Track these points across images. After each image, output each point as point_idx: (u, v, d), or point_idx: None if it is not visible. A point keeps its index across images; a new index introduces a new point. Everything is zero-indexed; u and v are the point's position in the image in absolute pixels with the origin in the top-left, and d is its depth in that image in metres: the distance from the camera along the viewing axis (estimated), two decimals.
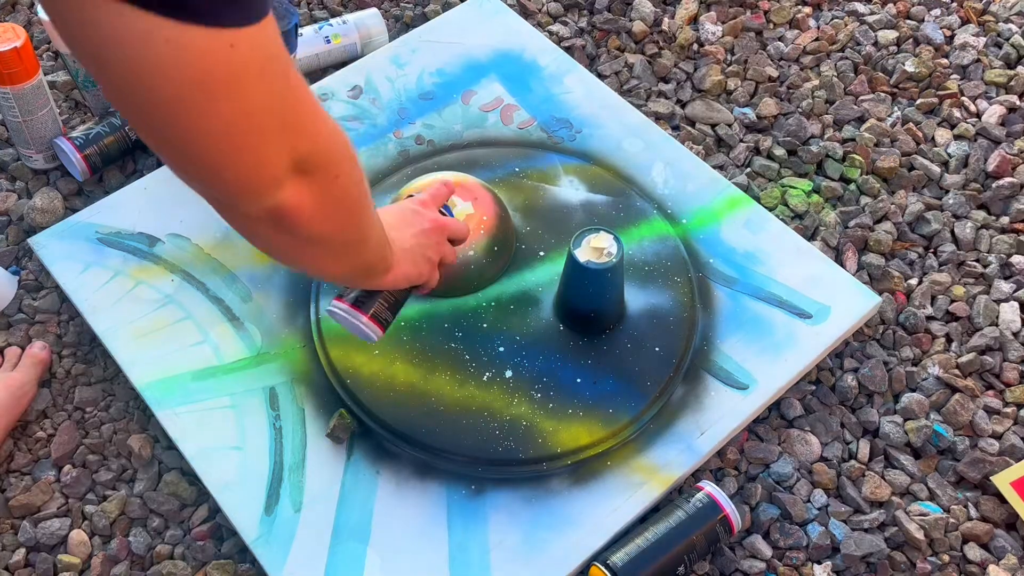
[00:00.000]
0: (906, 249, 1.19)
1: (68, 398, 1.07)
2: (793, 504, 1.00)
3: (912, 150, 1.27)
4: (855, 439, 1.05)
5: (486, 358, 1.04)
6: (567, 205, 1.16)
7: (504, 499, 0.98)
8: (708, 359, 1.06)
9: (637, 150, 1.22)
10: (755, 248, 1.14)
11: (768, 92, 1.32)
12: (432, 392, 1.02)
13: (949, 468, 1.03)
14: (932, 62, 1.35)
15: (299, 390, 1.04)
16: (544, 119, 1.25)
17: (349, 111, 1.25)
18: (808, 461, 1.03)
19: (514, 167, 1.19)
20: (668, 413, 1.02)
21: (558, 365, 1.04)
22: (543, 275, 1.10)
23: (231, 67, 0.53)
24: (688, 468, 1.00)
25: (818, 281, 1.11)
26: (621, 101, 1.27)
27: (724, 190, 1.19)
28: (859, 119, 1.30)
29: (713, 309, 1.09)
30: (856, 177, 1.24)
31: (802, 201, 1.21)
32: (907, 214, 1.21)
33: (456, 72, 1.30)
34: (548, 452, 0.99)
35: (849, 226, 1.19)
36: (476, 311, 1.07)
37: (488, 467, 0.99)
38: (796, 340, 1.07)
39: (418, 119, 1.25)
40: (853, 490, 1.01)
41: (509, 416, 1.00)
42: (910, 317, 1.12)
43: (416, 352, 1.04)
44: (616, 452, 1.00)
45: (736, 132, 1.28)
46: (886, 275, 1.15)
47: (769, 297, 1.10)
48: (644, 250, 1.12)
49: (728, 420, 1.02)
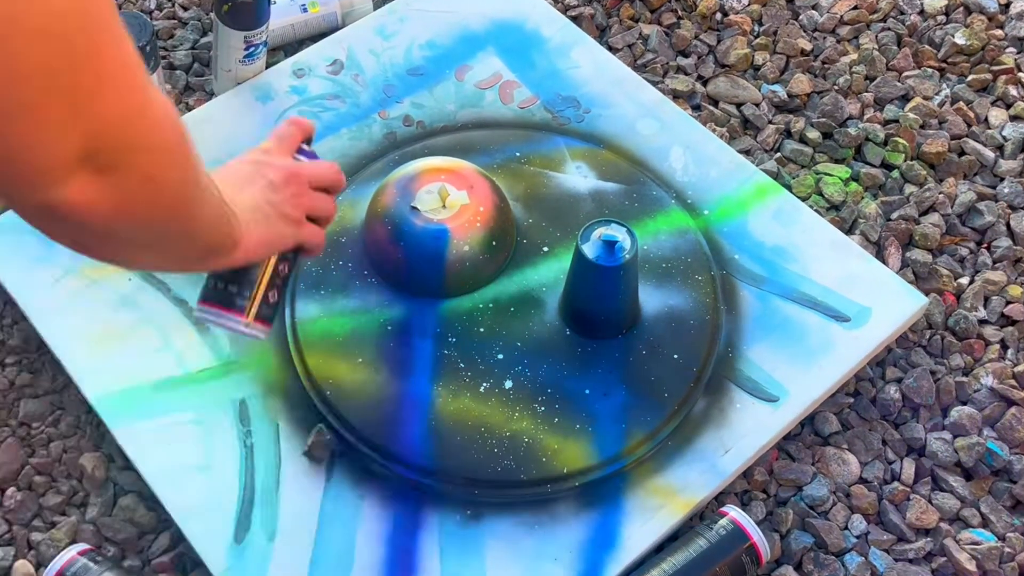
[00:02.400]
0: (956, 244, 1.19)
1: (12, 412, 1.07)
2: (828, 531, 1.00)
3: (962, 133, 1.27)
4: (898, 458, 1.05)
5: (483, 367, 1.04)
6: (574, 194, 1.16)
7: (503, 526, 0.98)
8: (733, 368, 1.06)
9: (653, 132, 1.22)
10: (786, 243, 1.14)
11: (800, 67, 1.32)
12: (422, 405, 1.02)
13: (1004, 491, 1.03)
14: (985, 33, 1.35)
15: (272, 403, 1.04)
16: (548, 97, 1.25)
17: (328, 88, 1.25)
18: (845, 483, 1.03)
19: (514, 151, 1.19)
20: (688, 429, 1.02)
21: (564, 374, 1.04)
22: (547, 273, 1.10)
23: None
24: (711, 491, 1.00)
25: (857, 280, 1.11)
26: (635, 77, 1.27)
27: (751, 177, 1.19)
28: (903, 98, 1.30)
29: (739, 311, 1.09)
30: (899, 163, 1.24)
31: (839, 190, 1.21)
32: (957, 205, 1.21)
33: (449, 45, 1.30)
34: (553, 473, 0.99)
35: (892, 218, 1.20)
36: (472, 314, 1.07)
37: (485, 490, 0.99)
38: (832, 346, 1.07)
39: (406, 98, 1.25)
40: (896, 516, 1.01)
41: (509, 432, 1.00)
42: (960, 321, 1.12)
43: (404, 360, 1.04)
44: (630, 473, 1.00)
45: (764, 112, 1.28)
46: (933, 273, 1.15)
47: (802, 298, 1.10)
48: (661, 245, 1.12)
49: (756, 437, 1.02)
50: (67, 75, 0.51)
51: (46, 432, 1.06)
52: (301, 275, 1.09)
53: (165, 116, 0.60)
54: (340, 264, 1.10)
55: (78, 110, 0.52)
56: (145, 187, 0.59)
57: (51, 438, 1.06)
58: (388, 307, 1.07)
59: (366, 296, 1.08)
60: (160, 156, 0.60)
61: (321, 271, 1.09)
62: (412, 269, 1.07)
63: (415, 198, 1.07)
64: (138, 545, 1.00)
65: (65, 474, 1.04)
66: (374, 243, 1.09)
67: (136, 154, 0.57)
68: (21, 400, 1.08)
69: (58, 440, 1.06)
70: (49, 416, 1.07)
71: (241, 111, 1.23)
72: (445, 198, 1.06)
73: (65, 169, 0.54)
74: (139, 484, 1.02)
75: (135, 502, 1.01)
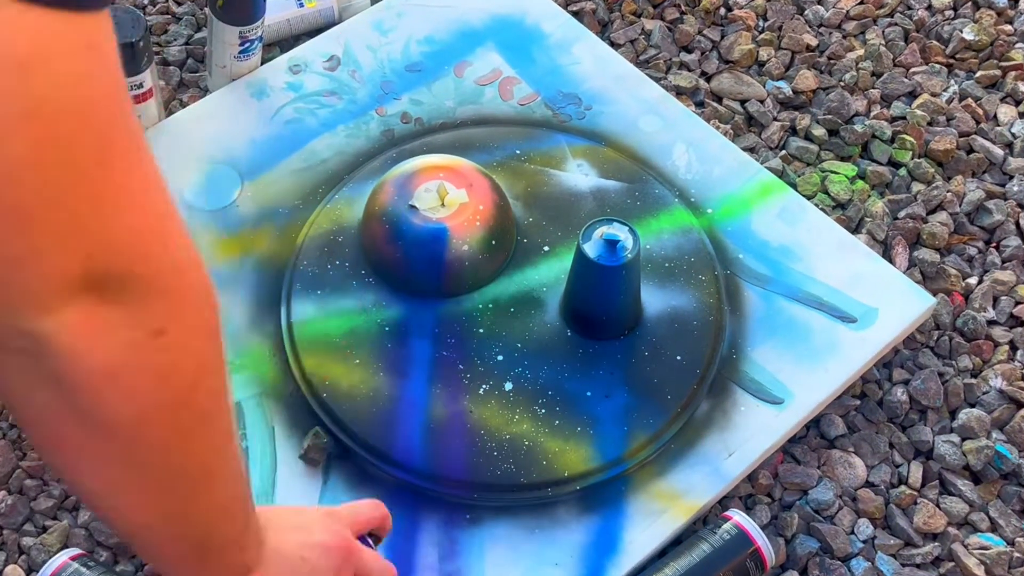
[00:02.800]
0: (964, 243, 1.19)
1: (2, 414, 1.07)
2: (834, 536, 1.00)
3: (971, 130, 1.27)
4: (906, 461, 1.05)
5: (482, 368, 1.04)
6: (575, 193, 1.16)
7: (503, 530, 0.98)
8: (737, 369, 1.06)
9: (655, 129, 1.22)
10: (791, 242, 1.14)
11: (806, 63, 1.32)
12: (420, 407, 1.02)
13: (1014, 495, 1.03)
14: (994, 28, 1.35)
15: (268, 405, 1.04)
16: (549, 94, 1.25)
17: (325, 85, 1.25)
18: (852, 487, 1.03)
19: (514, 149, 1.19)
20: (691, 431, 1.02)
21: (565, 376, 1.04)
22: (547, 273, 1.10)
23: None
24: (714, 494, 1.00)
25: (863, 280, 1.11)
26: (637, 73, 1.27)
27: (755, 175, 1.19)
28: (910, 94, 1.30)
29: (743, 312, 1.09)
30: (907, 161, 1.24)
31: (845, 188, 1.21)
32: (965, 203, 1.21)
33: (448, 40, 1.30)
34: (554, 476, 0.99)
35: (899, 217, 1.19)
36: (471, 314, 1.07)
37: (485, 493, 0.99)
38: (838, 348, 1.07)
39: (404, 94, 1.25)
40: (903, 520, 1.01)
41: (509, 435, 1.00)
42: (969, 321, 1.12)
43: (402, 362, 1.04)
44: (632, 476, 1.00)
45: (769, 109, 1.28)
46: (941, 273, 1.15)
47: (807, 298, 1.10)
48: (664, 244, 1.12)
49: (760, 439, 1.02)
50: (68, 179, 0.42)
51: None
52: (297, 275, 1.09)
53: (191, 263, 0.50)
54: (337, 264, 1.10)
55: (80, 222, 0.44)
56: (156, 342, 0.48)
57: None
58: (386, 307, 1.07)
59: (363, 296, 1.08)
60: (180, 308, 0.49)
61: (318, 271, 1.09)
62: (410, 269, 1.07)
63: (413, 196, 1.07)
64: (131, 550, 1.00)
65: (57, 477, 1.04)
66: (371, 242, 1.09)
67: (150, 293, 0.47)
68: None
69: None
70: None
71: (236, 107, 1.23)
72: (444, 196, 1.06)
73: (62, 291, 0.45)
74: None
75: None
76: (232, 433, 0.58)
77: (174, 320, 0.49)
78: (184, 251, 0.50)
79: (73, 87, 0.41)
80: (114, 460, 0.51)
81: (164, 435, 0.52)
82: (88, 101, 0.42)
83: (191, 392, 0.52)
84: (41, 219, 0.43)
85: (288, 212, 1.15)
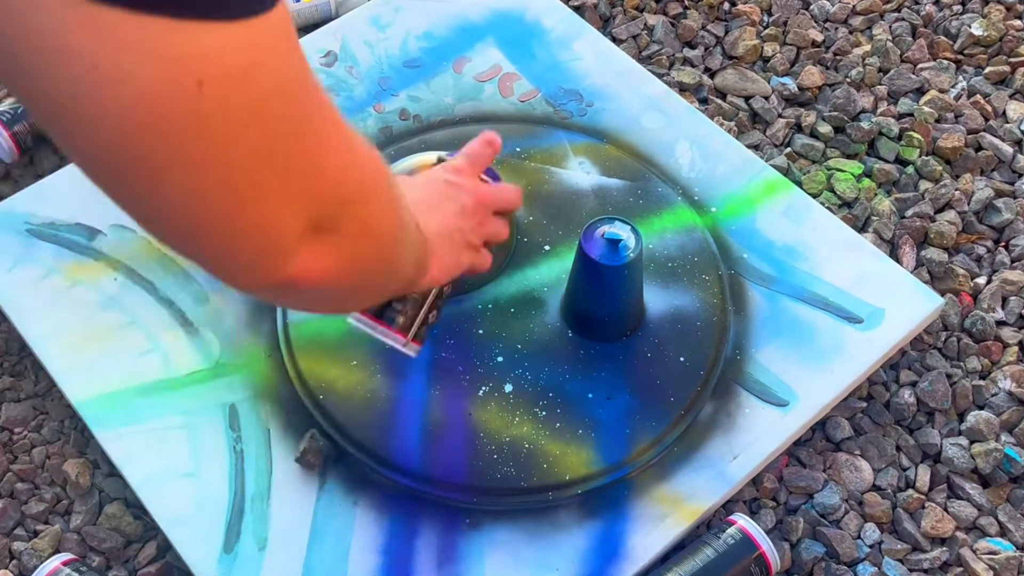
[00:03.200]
0: (973, 242, 1.19)
1: None
2: (840, 541, 1.00)
3: (980, 127, 1.27)
4: (913, 465, 1.05)
5: (482, 370, 1.04)
6: (576, 191, 1.16)
7: (503, 534, 0.98)
8: (741, 371, 1.06)
9: (658, 126, 1.22)
10: (796, 241, 1.14)
11: (811, 59, 1.32)
12: (419, 410, 1.02)
13: (1023, 499, 1.03)
14: (1003, 23, 1.35)
15: (264, 407, 1.04)
16: (550, 90, 1.25)
17: (322, 81, 1.25)
18: (858, 490, 1.03)
19: (515, 146, 1.19)
20: (695, 434, 1.02)
21: (566, 378, 1.04)
22: (548, 273, 1.10)
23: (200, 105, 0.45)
24: (718, 498, 1.00)
25: (870, 280, 1.11)
26: (640, 69, 1.27)
27: (760, 173, 1.19)
28: (918, 91, 1.30)
29: (747, 312, 1.09)
30: (914, 158, 1.24)
31: (851, 186, 1.21)
32: (974, 201, 1.21)
33: (447, 36, 1.30)
34: (554, 480, 0.99)
35: (906, 216, 1.19)
36: (470, 315, 1.07)
37: (485, 497, 0.99)
38: (844, 349, 1.07)
39: (402, 90, 1.25)
40: (911, 524, 1.01)
41: (509, 437, 1.00)
42: (977, 322, 1.12)
43: (400, 363, 1.04)
44: (634, 480, 1.00)
45: (774, 106, 1.28)
46: (949, 273, 1.15)
47: (813, 298, 1.10)
48: (666, 243, 1.12)
49: (765, 442, 1.02)
50: (283, 152, 0.51)
51: (28, 437, 1.06)
52: None
53: (370, 164, 0.62)
54: None
55: (299, 184, 0.53)
56: (365, 239, 0.61)
57: (34, 444, 1.06)
58: None
59: None
60: (373, 206, 0.62)
61: None
62: None
63: None
64: (124, 555, 1.00)
65: (48, 481, 1.04)
66: None
67: (354, 208, 0.59)
68: (2, 404, 1.08)
69: (41, 446, 1.06)
70: (32, 421, 1.07)
71: None
72: None
73: (295, 243, 0.54)
74: (125, 491, 1.02)
75: (121, 510, 1.01)
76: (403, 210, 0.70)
77: (372, 216, 0.62)
78: (365, 159, 0.61)
79: (282, 74, 0.49)
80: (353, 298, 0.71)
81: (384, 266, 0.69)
82: (294, 79, 0.50)
83: (392, 243, 0.67)
84: (277, 191, 0.51)
85: None
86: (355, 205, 0.59)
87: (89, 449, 1.05)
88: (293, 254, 0.55)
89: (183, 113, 0.45)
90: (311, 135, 0.53)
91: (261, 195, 0.51)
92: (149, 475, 1.00)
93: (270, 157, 0.50)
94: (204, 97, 0.45)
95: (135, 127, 0.45)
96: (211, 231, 0.51)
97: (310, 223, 0.55)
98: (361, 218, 0.60)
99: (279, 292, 0.59)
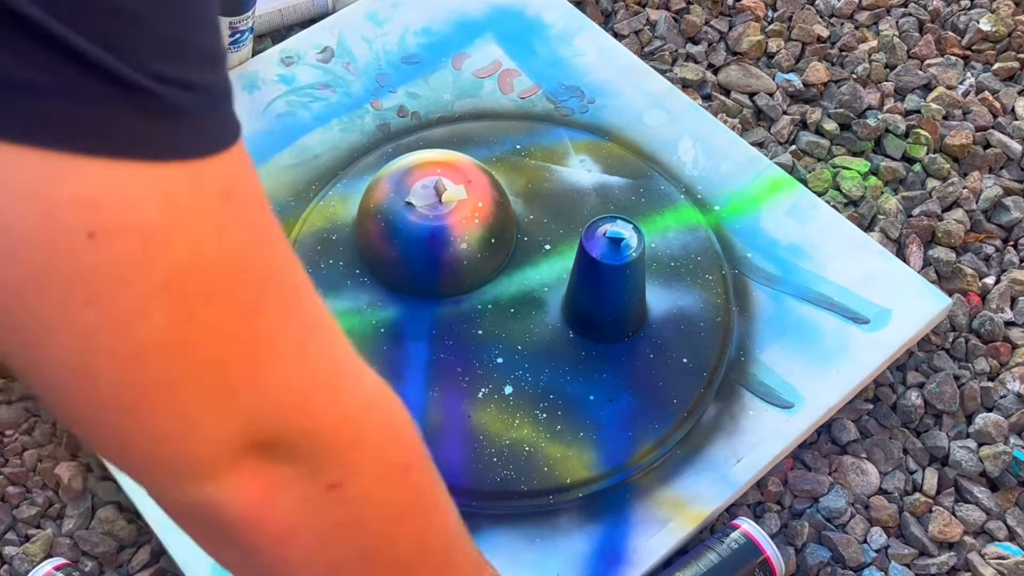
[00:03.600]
0: (981, 242, 1.18)
1: None
2: (846, 545, 1.00)
3: (988, 124, 1.26)
4: (920, 468, 1.05)
5: (481, 371, 1.03)
6: (577, 189, 1.16)
7: (503, 539, 0.97)
8: (745, 372, 1.06)
9: (661, 124, 1.22)
10: (801, 240, 1.14)
11: (817, 55, 1.32)
12: (417, 412, 1.01)
13: None
14: (1012, 19, 1.34)
15: None
16: (550, 87, 1.25)
17: (318, 77, 1.25)
18: (864, 494, 1.03)
19: (514, 144, 1.19)
20: (698, 437, 1.02)
21: (567, 379, 1.03)
22: (549, 273, 1.10)
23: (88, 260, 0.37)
24: (722, 502, 1.00)
25: (876, 279, 1.11)
26: (642, 65, 1.27)
27: (764, 171, 1.19)
28: (925, 87, 1.30)
29: (751, 312, 1.09)
30: (921, 156, 1.23)
31: (857, 184, 1.21)
32: (982, 200, 1.20)
33: (445, 31, 1.29)
34: (555, 483, 0.98)
35: (913, 214, 1.19)
36: (469, 315, 1.07)
37: (484, 501, 0.98)
38: (850, 350, 1.07)
39: (400, 87, 1.25)
40: (918, 528, 1.01)
41: (509, 440, 1.00)
42: (986, 322, 1.12)
43: (398, 364, 1.04)
44: (636, 483, 1.00)
45: (779, 102, 1.28)
46: (957, 273, 1.15)
47: (818, 298, 1.10)
48: (669, 242, 1.12)
49: (769, 445, 1.02)
50: (199, 344, 0.41)
51: (20, 440, 1.06)
52: None
53: (368, 405, 0.49)
54: (331, 263, 1.10)
55: (234, 387, 0.42)
56: (332, 496, 0.47)
57: (25, 447, 1.06)
58: (381, 308, 1.07)
59: (358, 296, 1.08)
60: (354, 458, 0.48)
61: (311, 270, 1.09)
62: (406, 268, 1.06)
63: (410, 193, 1.06)
64: (117, 559, 1.00)
65: (40, 484, 1.04)
66: (366, 240, 1.09)
67: (319, 448, 0.46)
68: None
69: (33, 449, 1.05)
70: (23, 423, 1.07)
71: None
72: (441, 193, 1.06)
73: (225, 458, 0.44)
74: (118, 495, 1.02)
75: (114, 514, 1.01)
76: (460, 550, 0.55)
77: (349, 472, 0.48)
78: (358, 395, 0.48)
79: (210, 247, 0.39)
80: None
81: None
82: (229, 258, 0.40)
83: (386, 542, 0.51)
84: (192, 391, 0.41)
85: (280, 209, 1.14)
86: (327, 446, 0.46)
87: (82, 452, 1.05)
88: (219, 471, 0.44)
89: (68, 268, 0.37)
90: (247, 333, 0.42)
91: (169, 389, 0.41)
92: None
93: (179, 345, 0.40)
94: (96, 251, 0.37)
95: (13, 280, 0.38)
96: (104, 421, 0.42)
97: (249, 440, 0.44)
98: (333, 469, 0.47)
99: (200, 521, 0.47)
